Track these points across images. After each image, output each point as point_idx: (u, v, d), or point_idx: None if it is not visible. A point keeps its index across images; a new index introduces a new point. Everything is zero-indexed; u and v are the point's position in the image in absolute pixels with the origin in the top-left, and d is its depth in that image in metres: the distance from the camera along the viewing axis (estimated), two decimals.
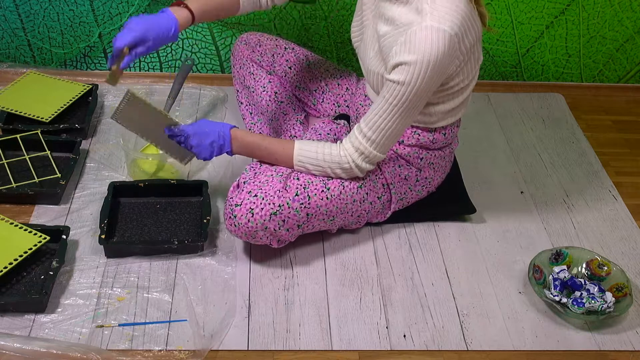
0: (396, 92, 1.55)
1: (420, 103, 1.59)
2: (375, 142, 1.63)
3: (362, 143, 1.64)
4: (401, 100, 1.56)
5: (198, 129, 1.68)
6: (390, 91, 1.56)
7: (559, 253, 1.79)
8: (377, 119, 1.60)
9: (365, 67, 1.74)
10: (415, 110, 1.60)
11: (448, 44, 1.49)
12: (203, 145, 1.68)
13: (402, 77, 1.53)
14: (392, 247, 1.85)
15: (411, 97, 1.55)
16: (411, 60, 1.50)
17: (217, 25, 2.35)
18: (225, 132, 1.68)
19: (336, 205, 1.72)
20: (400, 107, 1.57)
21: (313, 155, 1.68)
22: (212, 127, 1.69)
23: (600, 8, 2.39)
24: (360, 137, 1.64)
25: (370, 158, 1.66)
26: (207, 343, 1.55)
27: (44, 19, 2.30)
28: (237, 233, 1.67)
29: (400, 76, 1.53)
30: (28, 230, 1.71)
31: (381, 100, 1.59)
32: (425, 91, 1.56)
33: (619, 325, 1.69)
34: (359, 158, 1.66)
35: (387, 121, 1.60)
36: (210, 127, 1.69)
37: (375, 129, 1.61)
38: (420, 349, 1.60)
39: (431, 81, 1.53)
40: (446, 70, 1.55)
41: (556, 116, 2.42)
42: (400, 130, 1.63)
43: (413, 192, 1.85)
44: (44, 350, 1.49)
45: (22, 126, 2.06)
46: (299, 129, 1.99)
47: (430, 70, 1.51)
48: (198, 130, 1.68)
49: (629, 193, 2.10)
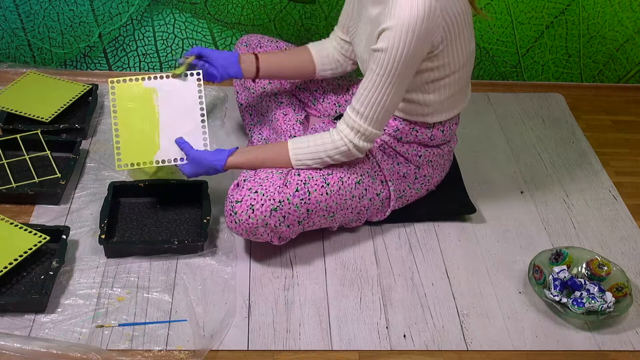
0: (382, 60, 1.55)
1: (407, 72, 1.58)
2: (369, 117, 1.62)
3: (356, 121, 1.63)
4: (387, 68, 1.55)
5: (193, 173, 1.76)
6: (376, 61, 1.56)
7: (559, 253, 1.79)
8: (367, 93, 1.60)
9: (360, 58, 1.75)
10: (404, 80, 1.59)
11: (428, 8, 1.50)
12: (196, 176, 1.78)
13: (386, 44, 1.53)
14: (392, 247, 1.85)
15: (397, 65, 1.54)
16: (392, 25, 1.51)
17: (217, 25, 2.35)
18: (218, 169, 1.73)
19: (336, 200, 1.72)
20: (387, 76, 1.56)
21: (308, 149, 1.68)
22: (205, 168, 1.74)
23: (600, 8, 2.39)
24: (353, 115, 1.63)
25: (366, 135, 1.65)
26: (207, 343, 1.55)
27: (44, 19, 2.30)
28: (238, 230, 1.67)
29: (384, 43, 1.53)
30: (28, 230, 1.71)
31: (369, 73, 1.59)
32: (411, 58, 1.55)
33: (619, 325, 1.69)
34: (356, 137, 1.65)
35: (377, 93, 1.59)
36: (204, 168, 1.74)
37: (366, 103, 1.60)
38: (420, 349, 1.60)
39: (415, 47, 1.53)
40: (430, 37, 1.55)
41: (556, 116, 2.42)
42: (393, 103, 1.62)
43: (412, 189, 1.85)
44: (44, 350, 1.49)
45: (22, 126, 2.06)
46: (299, 129, 1.99)
47: (411, 34, 1.51)
48: (193, 175, 1.76)
49: (629, 193, 2.10)
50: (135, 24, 2.33)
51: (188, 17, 2.33)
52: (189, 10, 2.32)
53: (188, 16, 2.33)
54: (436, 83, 1.68)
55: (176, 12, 2.32)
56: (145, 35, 2.36)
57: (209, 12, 2.33)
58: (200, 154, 1.74)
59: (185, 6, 2.31)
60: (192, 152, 1.75)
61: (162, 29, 2.35)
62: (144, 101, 1.78)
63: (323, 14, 2.35)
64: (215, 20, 2.34)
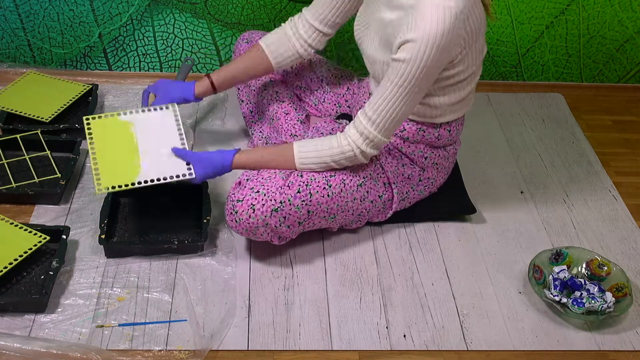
0: (402, 71, 1.54)
1: (425, 84, 1.57)
2: (380, 125, 1.62)
3: (366, 127, 1.62)
4: (407, 80, 1.54)
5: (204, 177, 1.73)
6: (396, 71, 1.55)
7: (559, 253, 1.79)
8: (382, 102, 1.59)
9: (370, 58, 1.73)
10: (420, 93, 1.59)
11: (453, 21, 1.48)
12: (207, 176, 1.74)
13: (408, 55, 1.51)
14: (392, 247, 1.85)
15: (417, 76, 1.53)
16: (416, 37, 1.49)
17: (217, 25, 2.35)
18: (226, 169, 1.73)
19: (337, 202, 1.72)
20: (406, 88, 1.55)
21: (313, 153, 1.68)
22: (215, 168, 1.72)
23: (600, 8, 2.39)
24: (365, 121, 1.63)
25: (375, 143, 1.65)
26: (207, 343, 1.55)
27: (44, 19, 2.30)
28: (238, 229, 1.67)
29: (405, 54, 1.52)
30: (28, 230, 1.71)
31: (386, 82, 1.57)
32: (431, 70, 1.54)
33: (619, 325, 1.69)
34: (364, 143, 1.65)
35: (393, 103, 1.58)
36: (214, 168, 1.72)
37: (380, 111, 1.60)
38: (420, 349, 1.60)
39: (436, 60, 1.52)
40: (451, 50, 1.54)
41: (556, 116, 2.42)
42: (405, 114, 1.61)
43: (415, 192, 1.85)
44: (44, 350, 1.49)
45: (22, 126, 2.06)
46: (300, 129, 1.99)
47: (435, 48, 1.50)
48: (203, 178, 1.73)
49: (629, 193, 2.10)
50: (135, 24, 2.33)
51: (188, 17, 2.33)
52: (189, 10, 2.32)
53: (188, 16, 2.33)
54: (448, 88, 1.68)
55: (176, 12, 2.32)
56: (145, 35, 2.36)
57: (209, 12, 2.33)
58: (204, 154, 1.74)
59: (185, 6, 2.31)
60: (196, 155, 1.74)
61: (162, 29, 2.35)
62: (120, 131, 1.79)
63: None
64: (215, 20, 2.34)
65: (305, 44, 1.86)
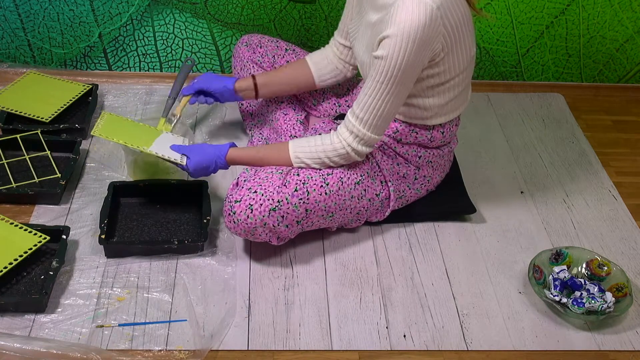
0: (381, 67, 1.55)
1: (407, 80, 1.58)
2: (368, 123, 1.63)
3: (355, 126, 1.64)
4: (387, 76, 1.55)
5: (197, 165, 1.74)
6: (376, 68, 1.56)
7: (559, 253, 1.79)
8: (367, 99, 1.60)
9: (360, 60, 1.75)
10: (404, 88, 1.60)
11: (429, 16, 1.50)
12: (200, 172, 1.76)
13: (386, 51, 1.53)
14: (392, 247, 1.85)
15: (396, 72, 1.55)
16: (393, 33, 1.51)
17: (217, 25, 2.35)
18: (221, 161, 1.74)
19: (335, 201, 1.72)
20: (387, 84, 1.56)
21: (308, 149, 1.69)
22: (209, 157, 1.74)
23: (600, 8, 2.39)
24: (353, 119, 1.64)
25: (365, 140, 1.66)
26: (207, 343, 1.55)
27: (44, 19, 2.30)
28: (237, 230, 1.67)
29: (383, 51, 1.53)
30: (28, 230, 1.71)
31: (369, 80, 1.59)
32: (411, 66, 1.55)
33: (619, 325, 1.69)
34: (355, 141, 1.66)
35: (377, 100, 1.59)
36: (208, 156, 1.74)
37: (366, 109, 1.61)
38: (420, 349, 1.60)
39: (414, 54, 1.53)
40: (430, 45, 1.55)
41: (556, 116, 2.42)
42: (392, 110, 1.62)
43: (412, 190, 1.85)
44: (44, 350, 1.49)
45: (22, 126, 2.06)
46: (299, 129, 1.99)
47: (412, 42, 1.51)
48: (197, 167, 1.75)
49: (629, 193, 2.10)
50: (135, 24, 2.33)
51: (188, 17, 2.33)
52: (189, 10, 2.32)
53: (188, 16, 2.33)
54: (436, 88, 1.68)
55: (176, 12, 2.32)
56: (145, 35, 2.36)
57: (209, 12, 2.33)
58: (200, 145, 1.77)
59: (185, 6, 2.31)
60: (191, 145, 1.78)
61: (162, 29, 2.35)
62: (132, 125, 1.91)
63: (323, 14, 2.35)
64: (215, 20, 2.34)
65: (342, 61, 1.93)
